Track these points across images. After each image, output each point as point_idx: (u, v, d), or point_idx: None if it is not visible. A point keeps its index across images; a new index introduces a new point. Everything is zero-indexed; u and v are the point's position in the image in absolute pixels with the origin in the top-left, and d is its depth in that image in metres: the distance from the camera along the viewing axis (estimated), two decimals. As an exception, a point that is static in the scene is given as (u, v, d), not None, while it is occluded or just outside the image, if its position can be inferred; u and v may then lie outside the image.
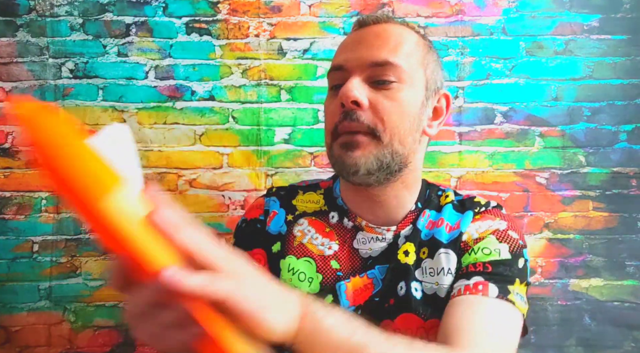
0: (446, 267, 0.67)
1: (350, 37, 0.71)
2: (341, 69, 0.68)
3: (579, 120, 1.17)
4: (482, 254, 0.66)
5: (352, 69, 0.66)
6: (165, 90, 1.15)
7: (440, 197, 0.76)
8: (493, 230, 0.68)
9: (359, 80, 0.65)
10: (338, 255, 0.71)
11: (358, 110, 0.64)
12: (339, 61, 0.68)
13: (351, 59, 0.67)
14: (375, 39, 0.68)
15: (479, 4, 1.18)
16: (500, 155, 1.17)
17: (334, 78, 0.69)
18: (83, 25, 1.14)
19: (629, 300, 1.15)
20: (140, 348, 1.11)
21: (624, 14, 1.18)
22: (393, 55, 0.66)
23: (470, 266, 0.65)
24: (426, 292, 0.66)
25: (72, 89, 1.13)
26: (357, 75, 0.66)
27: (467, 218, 0.71)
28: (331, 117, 0.68)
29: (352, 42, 0.70)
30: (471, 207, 0.73)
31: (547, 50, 1.18)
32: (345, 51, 0.69)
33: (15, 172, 1.12)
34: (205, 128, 1.15)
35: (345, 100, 0.64)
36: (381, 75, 0.66)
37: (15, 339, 1.09)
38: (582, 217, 1.16)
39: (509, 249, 0.66)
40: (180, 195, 1.14)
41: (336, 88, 0.68)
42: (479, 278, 0.63)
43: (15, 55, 1.13)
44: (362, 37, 0.69)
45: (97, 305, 1.11)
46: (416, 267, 0.68)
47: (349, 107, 0.64)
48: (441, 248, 0.68)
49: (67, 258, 1.11)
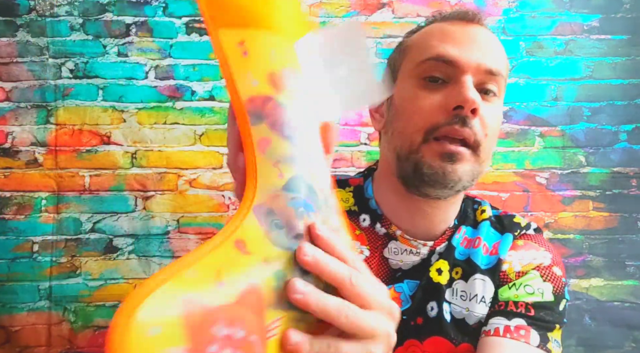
0: (480, 295, 0.62)
1: (455, 29, 0.62)
2: (451, 63, 0.59)
3: (579, 120, 1.17)
4: (524, 292, 0.62)
5: (466, 68, 0.59)
6: (165, 90, 1.15)
7: (475, 211, 0.71)
8: (537, 264, 0.64)
9: (473, 84, 0.59)
10: (369, 262, 0.65)
11: (472, 118, 0.58)
12: (450, 54, 0.59)
13: (466, 56, 0.59)
14: (488, 44, 0.63)
15: (479, 4, 1.18)
16: (500, 155, 1.17)
17: (437, 69, 0.60)
18: (83, 25, 1.14)
19: (629, 300, 1.15)
20: (140, 348, 1.11)
21: (624, 14, 1.18)
22: (504, 68, 0.63)
23: (511, 303, 0.61)
24: (454, 316, 0.62)
25: (72, 89, 1.13)
26: (471, 77, 0.59)
27: (506, 242, 0.66)
28: (430, 114, 0.59)
29: (462, 37, 0.61)
30: (511, 229, 0.68)
31: (547, 50, 1.18)
32: (454, 44, 0.60)
33: (15, 172, 1.12)
34: (205, 128, 1.15)
35: (469, 104, 0.56)
36: (490, 84, 0.61)
37: (15, 339, 1.09)
38: (582, 217, 1.16)
39: (552, 290, 0.63)
40: (180, 195, 1.14)
41: (434, 81, 0.60)
42: (520, 322, 0.60)
43: (15, 55, 1.13)
44: (473, 35, 0.62)
45: (97, 305, 1.11)
46: (447, 286, 0.64)
47: (467, 113, 0.57)
48: (477, 274, 0.63)
49: (67, 258, 1.11)
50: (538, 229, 0.70)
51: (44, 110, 1.13)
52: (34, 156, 1.12)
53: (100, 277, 1.11)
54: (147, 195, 1.13)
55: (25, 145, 1.12)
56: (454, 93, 0.58)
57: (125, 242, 1.12)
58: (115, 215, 1.13)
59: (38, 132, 1.12)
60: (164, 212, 1.13)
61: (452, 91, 0.58)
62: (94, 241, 1.12)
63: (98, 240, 1.12)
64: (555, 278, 0.64)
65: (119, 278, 1.12)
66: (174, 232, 1.13)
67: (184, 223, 1.13)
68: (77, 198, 1.12)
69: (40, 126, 1.12)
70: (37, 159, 1.12)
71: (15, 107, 1.12)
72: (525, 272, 0.63)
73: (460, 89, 0.57)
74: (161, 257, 1.12)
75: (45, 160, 1.12)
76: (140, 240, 1.12)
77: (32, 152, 1.12)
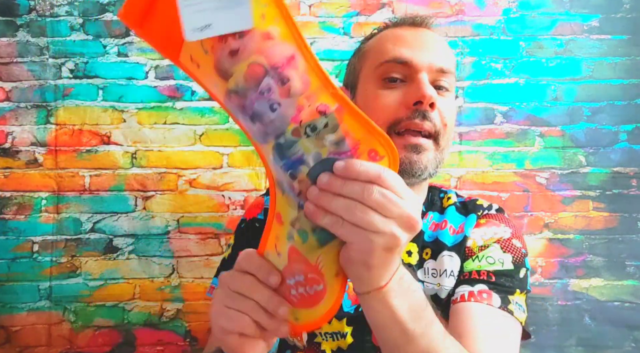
0: (449, 269, 0.68)
1: (407, 34, 0.70)
2: (406, 64, 0.66)
3: (579, 120, 1.17)
4: (486, 263, 0.67)
5: (421, 68, 0.65)
6: (165, 90, 1.15)
7: (442, 199, 0.77)
8: (498, 238, 0.70)
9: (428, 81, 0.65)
10: None
11: (430, 112, 0.64)
12: (405, 55, 0.66)
13: (419, 57, 0.66)
14: (437, 45, 0.69)
15: (479, 4, 1.18)
16: (500, 155, 1.17)
17: (394, 70, 0.67)
18: (83, 25, 1.14)
19: (629, 300, 1.15)
20: (140, 349, 1.11)
21: (624, 14, 1.18)
22: (452, 66, 0.69)
23: (474, 272, 0.67)
24: (427, 293, 0.66)
25: (72, 89, 1.13)
26: (426, 74, 0.65)
27: (470, 222, 0.72)
28: (392, 109, 0.65)
29: (415, 40, 0.68)
30: (474, 209, 0.74)
31: (547, 50, 1.18)
32: (408, 47, 0.67)
33: (15, 172, 1.12)
34: (205, 128, 1.15)
35: (427, 98, 0.63)
36: (442, 81, 0.67)
37: (15, 339, 1.09)
38: (582, 217, 1.16)
39: (512, 259, 0.68)
40: (180, 195, 1.14)
41: (393, 81, 0.66)
42: (482, 286, 0.65)
43: (15, 55, 1.13)
44: (423, 38, 0.69)
45: (97, 305, 1.11)
46: (418, 267, 0.69)
47: (426, 108, 0.63)
48: (445, 251, 0.69)
49: (67, 258, 1.11)
50: (500, 209, 0.76)
51: (44, 110, 1.13)
52: (34, 156, 1.12)
53: (100, 277, 1.11)
54: (147, 195, 1.13)
55: (25, 145, 1.12)
56: (412, 90, 0.64)
57: (125, 242, 1.12)
58: (115, 215, 1.13)
59: (38, 132, 1.12)
60: (164, 212, 1.13)
61: (410, 88, 0.65)
62: (94, 241, 1.12)
63: (98, 240, 1.12)
64: (514, 249, 0.70)
65: (119, 278, 1.12)
66: (174, 232, 1.13)
67: (184, 223, 1.13)
68: (77, 198, 1.12)
69: (40, 126, 1.12)
70: (37, 159, 1.12)
71: (15, 107, 1.12)
72: (487, 245, 0.69)
73: (418, 86, 0.63)
74: (161, 257, 1.12)
75: (45, 160, 1.12)
76: (140, 240, 1.12)
77: (32, 152, 1.12)
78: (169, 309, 1.12)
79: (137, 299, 1.12)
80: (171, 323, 1.12)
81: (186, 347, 1.11)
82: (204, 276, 1.13)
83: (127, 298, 1.12)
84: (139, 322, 1.11)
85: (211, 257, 1.13)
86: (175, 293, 1.12)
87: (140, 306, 1.12)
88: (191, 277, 1.13)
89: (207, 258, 1.13)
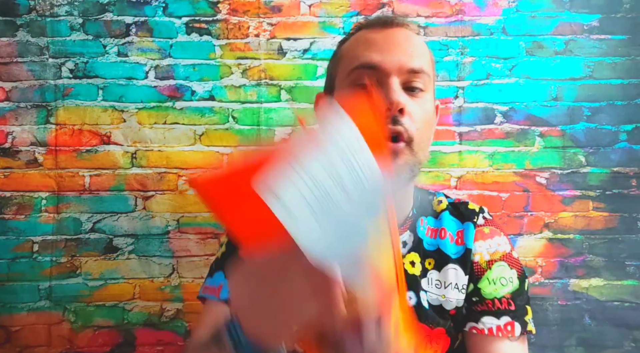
0: (454, 283, 0.71)
1: (377, 36, 0.68)
2: (375, 68, 0.65)
3: (579, 120, 1.17)
4: (501, 285, 0.71)
5: (390, 71, 0.65)
6: (165, 90, 1.15)
7: (432, 202, 0.79)
8: (502, 253, 0.74)
9: (399, 85, 0.65)
10: None
11: (400, 117, 0.63)
12: (374, 60, 0.65)
13: (389, 60, 0.65)
14: (408, 45, 0.67)
15: (479, 4, 1.18)
16: (500, 155, 1.17)
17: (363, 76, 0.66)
18: (83, 25, 1.14)
19: (629, 300, 1.15)
20: (140, 349, 1.11)
21: (624, 14, 1.18)
22: (426, 64, 0.68)
23: (496, 301, 0.70)
24: (431, 303, 0.69)
25: (72, 89, 1.13)
26: (396, 78, 0.65)
27: (469, 232, 0.74)
28: None
29: (384, 42, 0.67)
30: (469, 216, 0.76)
31: (547, 50, 1.18)
32: (377, 50, 0.66)
33: (15, 172, 1.12)
34: (205, 128, 1.15)
35: (395, 105, 0.62)
36: (414, 82, 0.66)
37: (15, 339, 1.09)
38: (582, 217, 1.16)
39: (517, 275, 0.73)
40: (180, 195, 1.14)
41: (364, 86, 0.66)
42: (507, 318, 0.69)
43: (15, 55, 1.13)
44: (393, 39, 0.68)
45: (97, 305, 1.11)
46: (422, 276, 0.71)
47: (395, 113, 0.63)
48: (450, 264, 0.72)
49: (67, 258, 1.11)
50: (489, 213, 0.79)
51: (44, 110, 1.13)
52: (34, 156, 1.12)
53: (100, 277, 1.11)
54: (147, 195, 1.13)
55: (25, 145, 1.12)
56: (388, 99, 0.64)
57: (125, 242, 1.12)
58: (115, 215, 1.13)
59: (38, 132, 1.12)
60: (164, 212, 1.13)
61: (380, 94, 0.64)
62: (94, 241, 1.12)
63: (98, 240, 1.12)
64: (516, 263, 0.74)
65: (119, 278, 1.12)
66: (174, 232, 1.13)
67: (184, 223, 1.13)
68: (77, 198, 1.12)
69: (40, 126, 1.12)
70: (37, 158, 1.12)
71: (15, 107, 1.12)
72: (494, 260, 0.73)
73: (386, 93, 0.63)
74: (161, 256, 1.13)
75: (45, 160, 1.12)
76: (140, 240, 1.13)
77: (32, 152, 1.12)
78: (169, 309, 1.12)
79: (137, 299, 1.12)
80: (171, 323, 1.12)
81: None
82: (203, 276, 1.12)
83: (127, 298, 1.12)
84: (139, 322, 1.11)
85: (211, 257, 1.13)
86: (175, 293, 1.12)
87: (140, 306, 1.12)
88: (191, 277, 1.13)
89: (207, 258, 1.13)
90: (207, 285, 0.77)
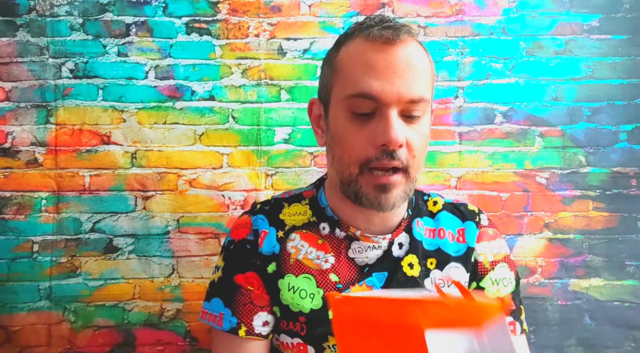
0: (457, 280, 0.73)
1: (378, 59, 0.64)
2: (373, 98, 0.63)
3: (579, 120, 1.17)
4: (503, 286, 0.74)
5: (389, 102, 0.63)
6: (165, 90, 1.15)
7: (427, 202, 0.79)
8: (503, 255, 0.76)
9: (397, 116, 0.64)
10: (335, 268, 0.72)
11: (399, 150, 0.64)
12: (374, 91, 0.63)
13: (389, 91, 0.63)
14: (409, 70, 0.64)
15: (479, 4, 1.18)
16: (500, 155, 1.17)
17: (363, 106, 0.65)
18: (83, 25, 1.14)
19: (629, 300, 1.15)
20: (140, 349, 1.11)
21: (624, 14, 1.18)
22: (426, 91, 0.66)
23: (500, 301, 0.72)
24: None
25: (72, 89, 1.13)
26: (394, 109, 0.63)
27: (471, 231, 0.76)
28: (361, 148, 0.65)
29: (385, 68, 0.64)
30: (471, 217, 0.77)
31: (547, 50, 1.18)
32: (378, 78, 0.63)
33: (15, 172, 1.12)
34: (205, 128, 1.15)
35: (393, 144, 0.62)
36: (414, 110, 0.65)
37: (15, 339, 1.09)
38: (582, 217, 1.16)
39: (514, 276, 0.76)
40: (180, 195, 1.14)
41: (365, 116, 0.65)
42: (510, 319, 0.72)
43: (15, 55, 1.13)
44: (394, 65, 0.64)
45: (97, 305, 1.11)
46: (424, 276, 0.72)
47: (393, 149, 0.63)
48: (452, 262, 0.74)
49: (67, 258, 1.11)
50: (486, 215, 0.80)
51: (44, 110, 1.13)
52: (34, 156, 1.12)
53: (100, 277, 1.11)
54: (147, 195, 1.13)
55: (25, 145, 1.12)
56: (379, 130, 0.63)
57: (125, 242, 1.12)
58: (115, 215, 1.13)
59: (38, 132, 1.12)
60: (164, 212, 1.13)
61: (377, 127, 0.64)
62: (94, 241, 1.12)
63: (98, 240, 1.12)
64: (514, 265, 0.78)
65: (119, 278, 1.12)
66: (174, 232, 1.13)
67: (184, 223, 1.14)
68: (77, 198, 1.12)
69: (40, 126, 1.12)
70: (37, 158, 1.12)
71: (15, 107, 1.12)
72: (497, 261, 0.75)
73: (384, 128, 0.63)
74: (161, 257, 1.13)
75: (45, 160, 1.12)
76: (140, 240, 1.13)
77: (32, 152, 1.12)
78: (169, 309, 1.12)
79: (137, 299, 1.12)
80: (171, 323, 1.12)
81: (186, 346, 1.11)
82: (204, 276, 1.13)
83: (127, 298, 1.12)
84: (139, 322, 1.11)
85: (211, 257, 1.13)
86: (175, 293, 1.12)
87: (140, 306, 1.12)
88: (191, 277, 1.13)
89: (207, 258, 1.13)
90: (207, 311, 0.76)
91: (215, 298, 0.75)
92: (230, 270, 0.74)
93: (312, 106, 0.76)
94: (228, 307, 0.73)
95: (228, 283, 0.74)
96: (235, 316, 0.72)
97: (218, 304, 0.74)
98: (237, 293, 0.73)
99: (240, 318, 0.72)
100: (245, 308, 0.72)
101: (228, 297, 0.74)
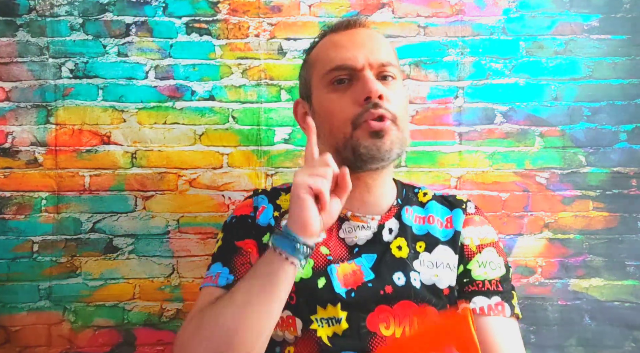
0: (445, 262, 0.76)
1: (343, 38, 0.77)
2: (348, 67, 0.74)
3: (579, 120, 1.17)
4: (490, 269, 0.77)
5: (362, 66, 0.73)
6: (165, 90, 1.15)
7: (417, 194, 0.85)
8: (491, 240, 0.79)
9: (373, 76, 0.73)
10: (326, 242, 0.77)
11: (380, 102, 0.71)
12: (345, 59, 0.74)
13: (360, 57, 0.73)
14: (372, 41, 0.77)
15: (479, 4, 1.18)
16: (500, 155, 1.17)
17: (340, 74, 0.74)
18: (83, 25, 1.14)
19: (629, 300, 1.15)
20: (140, 348, 1.11)
21: (624, 14, 1.18)
22: (391, 57, 0.77)
23: (486, 283, 0.75)
24: (424, 282, 0.74)
25: (72, 89, 1.13)
26: (368, 71, 0.73)
27: (458, 217, 0.80)
28: (349, 109, 0.73)
29: (350, 42, 0.76)
30: (458, 204, 0.82)
31: (547, 50, 1.18)
32: (347, 50, 0.75)
33: (15, 172, 1.12)
34: (205, 128, 1.15)
35: (374, 93, 0.70)
36: (385, 71, 0.75)
37: (15, 339, 1.09)
38: (582, 217, 1.16)
39: (504, 262, 0.79)
40: (180, 195, 1.14)
41: (341, 82, 0.74)
42: (497, 299, 0.74)
43: (15, 55, 1.13)
44: (358, 39, 0.77)
45: (97, 305, 1.11)
46: (414, 258, 0.76)
47: (375, 100, 0.71)
48: (440, 245, 0.77)
49: (67, 258, 1.11)
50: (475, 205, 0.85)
51: (44, 110, 1.13)
52: (34, 156, 1.12)
53: (100, 277, 1.11)
54: (147, 195, 1.13)
55: (25, 145, 1.12)
56: (359, 88, 0.72)
57: (125, 242, 1.12)
58: (115, 215, 1.13)
59: (38, 132, 1.12)
60: (164, 212, 1.13)
61: (357, 87, 0.73)
62: (94, 241, 1.12)
63: (98, 240, 1.12)
64: (502, 253, 0.80)
65: (119, 278, 1.12)
66: (174, 232, 1.13)
67: (184, 223, 1.14)
68: (77, 198, 1.12)
69: (40, 126, 1.13)
70: (37, 158, 1.12)
71: (15, 107, 1.12)
72: (484, 245, 0.78)
73: (364, 84, 0.72)
74: (161, 256, 1.13)
75: (45, 160, 1.12)
76: (140, 240, 1.13)
77: (32, 152, 1.12)
78: (169, 309, 1.12)
79: (137, 299, 1.12)
80: (171, 323, 1.12)
81: (186, 347, 1.11)
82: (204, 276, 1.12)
83: (127, 298, 1.12)
84: (139, 322, 1.11)
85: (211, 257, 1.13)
86: (175, 293, 1.12)
87: (140, 306, 1.12)
88: (191, 277, 1.13)
89: (207, 258, 1.13)
90: (205, 277, 0.79)
91: (215, 263, 0.78)
92: (231, 238, 0.79)
93: (296, 107, 0.85)
94: (226, 266, 0.76)
95: (228, 247, 0.78)
96: (233, 274, 0.75)
97: (217, 266, 0.77)
98: (236, 254, 0.77)
99: (238, 276, 0.74)
100: (244, 267, 0.75)
101: (227, 258, 0.77)
